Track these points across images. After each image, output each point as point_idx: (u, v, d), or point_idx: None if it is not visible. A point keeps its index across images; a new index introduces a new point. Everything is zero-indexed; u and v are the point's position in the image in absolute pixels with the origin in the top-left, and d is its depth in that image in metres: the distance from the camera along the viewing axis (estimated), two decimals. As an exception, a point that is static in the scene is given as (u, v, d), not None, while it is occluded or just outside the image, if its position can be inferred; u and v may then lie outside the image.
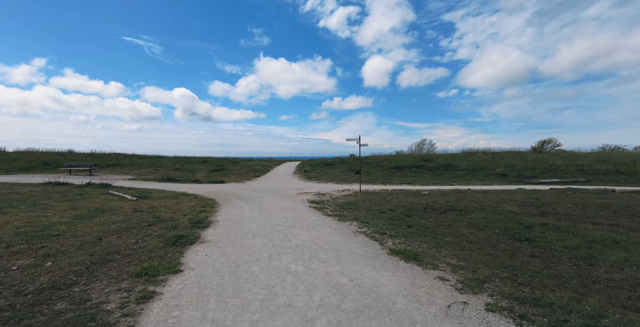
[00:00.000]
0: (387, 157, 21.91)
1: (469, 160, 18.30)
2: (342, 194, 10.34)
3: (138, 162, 21.65)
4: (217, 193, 10.43)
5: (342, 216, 6.58)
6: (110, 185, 11.66)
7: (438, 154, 23.22)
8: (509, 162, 17.12)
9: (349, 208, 7.44)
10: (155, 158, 26.05)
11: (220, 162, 24.45)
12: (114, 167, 19.22)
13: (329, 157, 29.29)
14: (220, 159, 28.05)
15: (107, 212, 6.46)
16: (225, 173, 18.53)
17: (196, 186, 12.61)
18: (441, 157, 21.02)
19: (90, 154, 25.57)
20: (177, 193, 10.09)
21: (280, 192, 11.13)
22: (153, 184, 13.34)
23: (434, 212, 6.67)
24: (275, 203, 8.44)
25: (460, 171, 16.70)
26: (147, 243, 4.22)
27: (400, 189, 11.52)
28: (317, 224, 5.75)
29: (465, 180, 14.86)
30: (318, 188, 12.31)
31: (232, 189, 11.65)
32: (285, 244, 4.37)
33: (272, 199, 9.26)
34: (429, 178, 15.84)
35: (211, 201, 8.52)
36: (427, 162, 19.01)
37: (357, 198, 9.01)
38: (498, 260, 3.62)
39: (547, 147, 31.76)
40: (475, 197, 8.59)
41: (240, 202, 8.61)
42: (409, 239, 4.63)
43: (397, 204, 7.59)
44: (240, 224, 5.75)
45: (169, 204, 7.81)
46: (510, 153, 21.62)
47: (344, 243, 4.44)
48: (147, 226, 5.29)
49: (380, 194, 9.96)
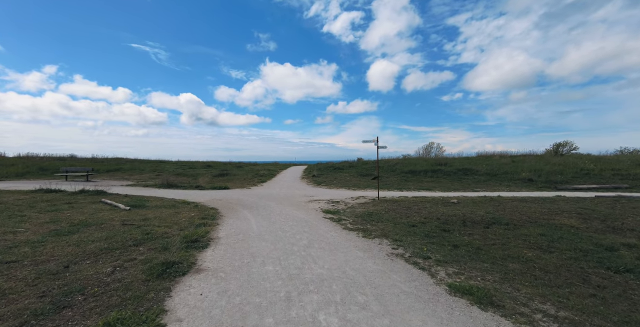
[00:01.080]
0: (399, 161, 20.83)
1: (487, 164, 17.14)
2: (359, 202, 9.29)
3: (139, 167, 20.87)
4: (220, 201, 9.47)
5: (366, 230, 5.54)
6: (105, 192, 10.77)
7: (453, 157, 22.07)
8: (533, 166, 15.92)
9: (372, 220, 6.40)
10: (157, 163, 25.31)
11: (225, 167, 23.59)
12: (114, 173, 18.43)
13: (336, 161, 28.28)
14: (224, 163, 27.23)
15: (90, 226, 5.52)
16: (230, 178, 17.61)
17: (198, 193, 11.67)
18: (457, 160, 19.87)
19: (91, 159, 24.93)
20: (176, 201, 9.15)
21: (288, 199, 10.13)
22: (152, 190, 12.44)
23: (476, 226, 5.59)
24: (285, 213, 7.44)
25: (480, 176, 15.55)
26: (125, 274, 3.24)
27: (421, 196, 10.44)
28: (339, 243, 4.72)
29: (489, 186, 13.71)
30: (329, 195, 11.29)
31: (237, 196, 10.69)
32: (305, 274, 3.35)
33: (281, 208, 8.26)
34: (447, 183, 14.72)
35: (213, 211, 7.55)
36: (443, 166, 17.89)
37: (378, 207, 7.97)
38: (613, 308, 2.55)
39: (563, 150, 30.41)
40: (515, 206, 7.48)
41: (246, 212, 7.62)
42: (464, 267, 3.58)
43: (427, 216, 6.52)
44: (247, 241, 4.75)
45: (165, 215, 6.86)
46: (531, 156, 20.39)
47: (382, 273, 3.40)
48: (132, 246, 4.31)
49: (402, 202, 8.89)
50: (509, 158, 19.22)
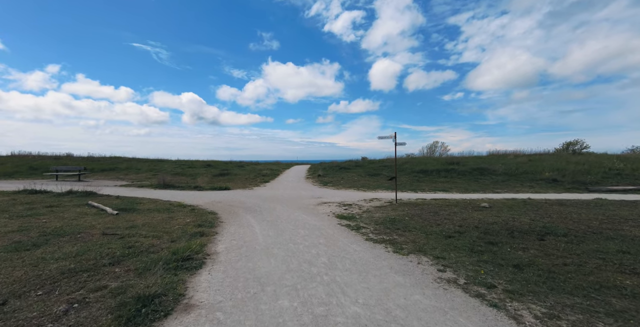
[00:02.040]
0: (408, 160, 19.86)
1: (504, 163, 16.17)
2: (374, 205, 8.35)
3: (136, 166, 19.97)
4: (220, 204, 8.54)
5: (394, 243, 4.60)
6: (95, 193, 9.87)
7: (464, 156, 21.07)
8: (553, 165, 14.94)
9: (397, 228, 5.45)
10: (156, 162, 24.41)
11: (225, 166, 22.67)
12: (109, 172, 17.53)
13: (340, 161, 27.34)
14: (225, 162, 26.31)
15: (64, 237, 4.60)
16: (231, 178, 16.69)
17: (196, 194, 10.75)
18: (470, 160, 18.90)
19: (87, 158, 24.05)
20: (171, 204, 8.23)
21: (295, 201, 9.19)
22: (147, 191, 11.53)
23: (526, 237, 4.64)
24: (294, 218, 6.50)
25: (498, 176, 14.57)
26: (83, 316, 2.31)
27: (442, 199, 9.49)
28: (368, 261, 3.78)
29: (509, 186, 12.74)
30: (339, 196, 10.35)
31: (238, 198, 9.76)
32: (335, 315, 2.41)
33: (288, 211, 7.33)
34: (463, 184, 13.75)
35: (211, 216, 6.62)
36: (456, 166, 16.92)
37: (399, 212, 7.02)
38: None
39: (574, 149, 29.51)
40: (559, 212, 6.52)
41: (249, 216, 6.70)
42: (549, 303, 2.63)
43: (461, 223, 5.57)
44: (251, 259, 3.82)
45: (156, 221, 5.93)
46: (547, 155, 19.41)
47: (441, 314, 2.46)
48: (107, 266, 3.39)
49: (425, 205, 7.94)
50: (524, 157, 18.24)
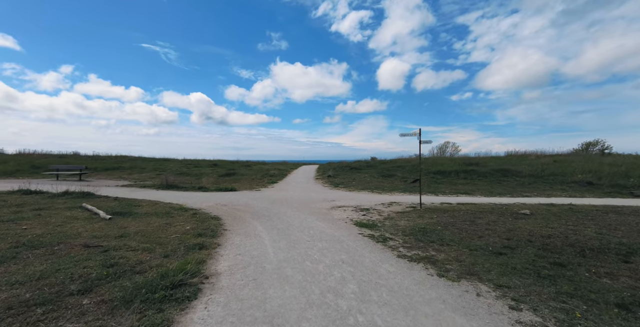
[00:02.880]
0: (423, 160, 18.85)
1: (528, 164, 15.07)
2: (395, 211, 7.48)
3: (140, 165, 19.46)
4: (225, 207, 7.78)
5: (433, 261, 3.74)
6: (93, 194, 9.23)
7: (481, 157, 19.95)
8: (584, 167, 13.79)
9: (431, 240, 4.58)
10: (162, 161, 23.94)
11: (232, 166, 22.03)
12: (112, 171, 17.01)
13: (350, 160, 26.46)
14: (231, 162, 25.69)
15: (38, 249, 3.87)
16: (237, 178, 15.99)
17: (200, 196, 10.03)
18: (490, 160, 17.82)
19: (93, 156, 23.71)
20: (172, 207, 7.51)
21: (307, 205, 8.38)
22: (149, 192, 10.87)
23: (602, 257, 3.72)
24: (307, 226, 5.69)
25: (523, 178, 13.51)
26: None
27: (470, 203, 8.55)
28: (409, 289, 2.93)
29: (539, 189, 11.69)
30: (354, 199, 9.49)
31: (245, 200, 9.00)
32: None
33: (300, 217, 6.51)
34: (486, 186, 12.74)
35: (214, 222, 5.85)
36: (475, 167, 15.88)
37: (428, 220, 6.14)
38: None
39: (594, 149, 28.16)
40: (623, 222, 5.54)
41: (256, 223, 5.91)
42: None
43: (508, 235, 4.67)
44: (260, 285, 3.01)
45: (152, 229, 5.19)
46: (574, 156, 18.19)
47: None
48: (73, 296, 2.62)
49: (454, 211, 7.04)
50: (548, 158, 17.07)
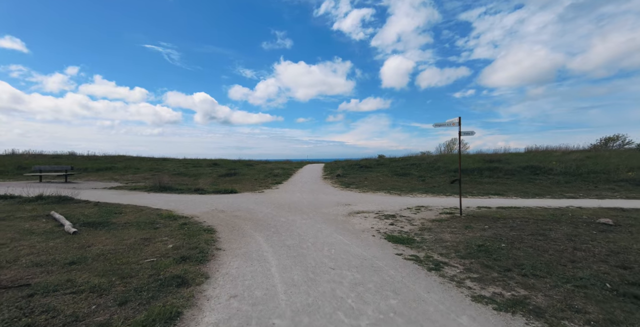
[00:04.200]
0: (439, 158, 17.48)
1: (559, 161, 13.64)
2: (427, 218, 6.16)
3: (135, 165, 18.26)
4: (223, 214, 6.50)
5: (533, 308, 2.42)
6: (72, 199, 8.01)
7: (504, 153, 18.50)
8: (628, 163, 12.35)
9: (504, 267, 3.26)
10: (160, 161, 22.76)
11: (233, 165, 20.78)
12: (105, 172, 15.82)
13: (357, 159, 25.11)
14: (233, 161, 24.43)
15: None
16: (238, 179, 14.73)
17: (196, 200, 8.77)
18: (511, 157, 16.41)
19: (89, 156, 22.57)
20: (159, 214, 6.25)
21: (319, 209, 7.08)
22: (138, 195, 9.63)
23: None
24: (325, 241, 4.39)
25: (557, 176, 12.11)
26: None
27: (513, 207, 7.20)
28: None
29: (582, 189, 10.30)
30: (372, 202, 8.17)
31: (246, 205, 7.72)
32: None
33: (314, 227, 5.21)
34: (516, 185, 11.36)
35: (206, 237, 4.57)
36: (498, 163, 14.49)
37: (480, 233, 4.80)
38: None
39: (613, 145, 26.67)
40: None
41: (260, 237, 4.62)
42: None
43: (618, 260, 3.34)
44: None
45: (122, 249, 3.92)
46: (610, 151, 16.75)
47: None
48: None
49: (505, 219, 5.69)
50: (578, 153, 15.62)
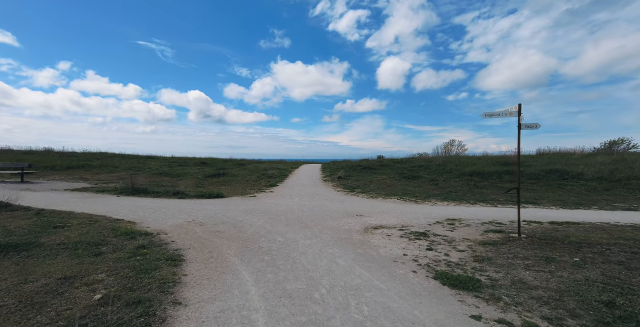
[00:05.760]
0: (450, 159, 16.05)
1: (587, 165, 12.34)
2: (470, 237, 4.65)
3: (114, 163, 16.42)
4: (200, 229, 4.87)
5: None
6: (10, 205, 6.30)
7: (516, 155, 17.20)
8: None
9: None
10: (144, 159, 20.88)
11: (223, 165, 19.05)
12: (76, 170, 13.97)
13: (354, 160, 23.58)
14: (223, 160, 22.66)
15: None
16: (227, 180, 13.05)
17: (172, 206, 7.11)
18: (529, 159, 15.10)
19: (64, 153, 20.56)
20: (115, 229, 4.60)
21: (325, 222, 5.50)
22: (103, 199, 7.93)
23: None
24: (347, 284, 2.82)
25: (590, 182, 10.77)
26: None
27: (574, 222, 5.75)
28: None
29: (630, 199, 8.94)
30: (389, 212, 6.61)
31: (233, 215, 6.10)
32: None
33: (324, 253, 3.62)
34: (548, 192, 9.96)
35: (167, 273, 2.96)
36: (516, 167, 13.12)
37: (582, 273, 3.29)
38: None
39: (619, 148, 25.80)
40: None
41: (247, 275, 3.02)
42: None
43: None
44: None
45: (14, 303, 2.28)
46: (632, 155, 15.57)
47: None
48: None
49: (592, 246, 4.21)
50: (602, 156, 14.38)
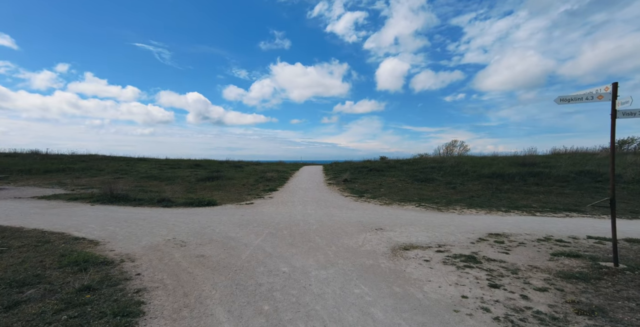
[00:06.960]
0: (464, 160, 14.92)
1: (619, 166, 11.25)
2: (539, 264, 3.47)
3: (99, 166, 15.15)
4: (179, 252, 3.65)
5: None
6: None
7: (534, 155, 16.07)
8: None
9: None
10: (133, 161, 19.61)
11: (219, 167, 17.84)
12: (55, 174, 12.71)
13: (357, 161, 22.43)
14: (219, 162, 21.42)
15: None
16: (222, 184, 11.83)
17: (152, 217, 5.88)
18: (548, 159, 13.99)
19: (49, 155, 19.23)
20: (64, 254, 3.39)
21: (339, 239, 4.30)
22: (73, 209, 6.71)
23: None
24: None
25: (632, 185, 9.69)
26: None
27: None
28: None
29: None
30: (412, 224, 5.42)
31: (224, 230, 4.89)
32: None
33: (349, 296, 2.40)
34: (584, 197, 8.83)
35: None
36: (539, 168, 12.01)
37: None
38: None
39: (629, 147, 24.84)
40: None
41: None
42: None
43: None
44: None
45: None
46: None
47: None
48: None
49: None
50: (632, 156, 13.29)
